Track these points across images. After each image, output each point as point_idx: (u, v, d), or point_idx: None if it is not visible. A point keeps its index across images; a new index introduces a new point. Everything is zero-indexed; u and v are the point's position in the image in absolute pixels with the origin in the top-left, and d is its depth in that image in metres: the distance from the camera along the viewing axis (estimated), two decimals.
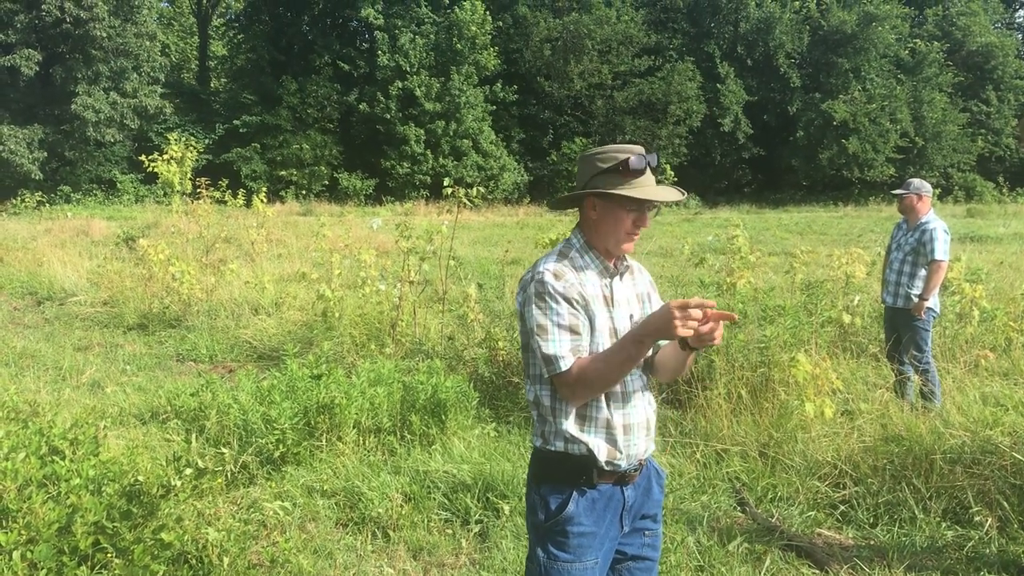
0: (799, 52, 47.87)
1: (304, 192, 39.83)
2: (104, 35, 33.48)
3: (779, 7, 47.21)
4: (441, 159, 40.86)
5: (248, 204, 19.66)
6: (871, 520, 4.88)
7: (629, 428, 2.65)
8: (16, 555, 3.15)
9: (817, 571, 4.38)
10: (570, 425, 2.63)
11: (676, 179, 20.43)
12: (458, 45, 41.05)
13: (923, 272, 6.90)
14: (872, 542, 4.65)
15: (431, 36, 41.84)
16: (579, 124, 44.97)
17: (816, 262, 11.36)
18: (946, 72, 48.59)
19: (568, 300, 2.54)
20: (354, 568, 4.37)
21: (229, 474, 5.12)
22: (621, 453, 2.64)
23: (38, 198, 29.33)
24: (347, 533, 4.78)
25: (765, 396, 6.14)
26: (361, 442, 5.89)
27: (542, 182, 44.05)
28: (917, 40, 49.72)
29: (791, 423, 5.80)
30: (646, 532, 2.82)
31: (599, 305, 2.64)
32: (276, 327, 10.01)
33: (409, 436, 6.00)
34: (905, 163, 46.30)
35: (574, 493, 2.66)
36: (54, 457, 3.80)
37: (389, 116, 40.47)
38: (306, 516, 4.94)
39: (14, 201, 28.64)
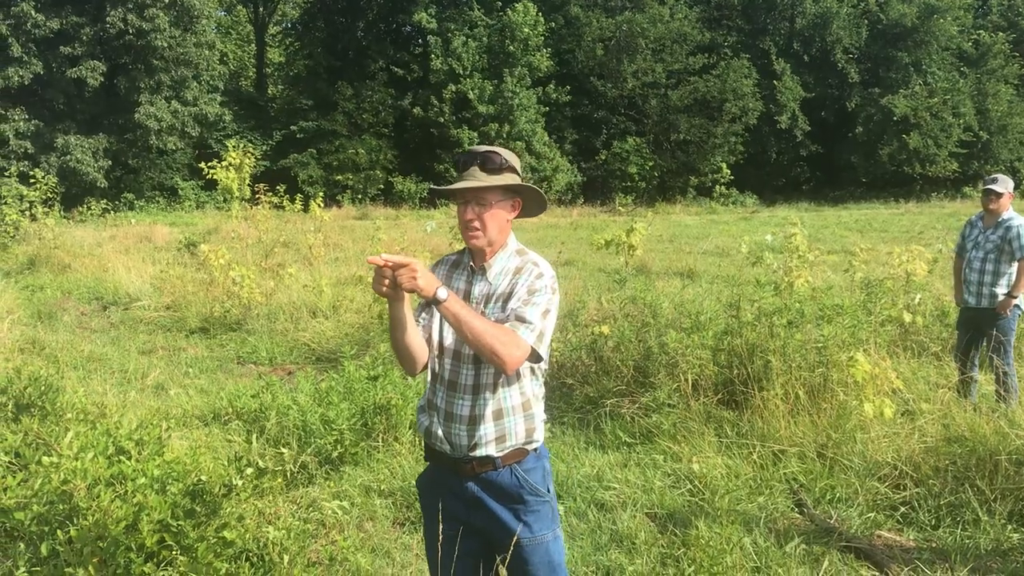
0: (857, 47, 46.87)
1: (360, 196, 40.23)
2: (165, 45, 34.18)
3: (836, 2, 46.34)
4: None
5: (305, 209, 19.97)
6: (933, 522, 4.79)
7: (451, 416, 2.77)
8: (87, 551, 3.26)
9: (877, 573, 4.31)
10: (421, 401, 2.91)
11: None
12: (511, 47, 41.10)
13: (1007, 269, 6.71)
14: (934, 544, 4.57)
15: (484, 39, 41.94)
16: (633, 123, 44.67)
17: (876, 260, 11.16)
18: (1012, 63, 47.24)
19: None
20: (411, 567, 4.41)
21: (289, 474, 5.21)
22: (435, 436, 2.80)
23: (103, 205, 30.00)
24: (404, 532, 4.84)
25: (823, 396, 6.06)
26: (417, 442, 5.95)
27: (596, 182, 43.90)
28: (981, 31, 48.43)
29: (850, 423, 5.72)
30: (524, 546, 2.78)
31: None
32: (334, 330, 10.14)
33: None
34: (969, 158, 45.18)
35: (428, 464, 2.95)
36: (121, 457, 3.91)
37: (443, 119, 40.70)
38: (364, 515, 5.01)
39: (80, 209, 29.35)
